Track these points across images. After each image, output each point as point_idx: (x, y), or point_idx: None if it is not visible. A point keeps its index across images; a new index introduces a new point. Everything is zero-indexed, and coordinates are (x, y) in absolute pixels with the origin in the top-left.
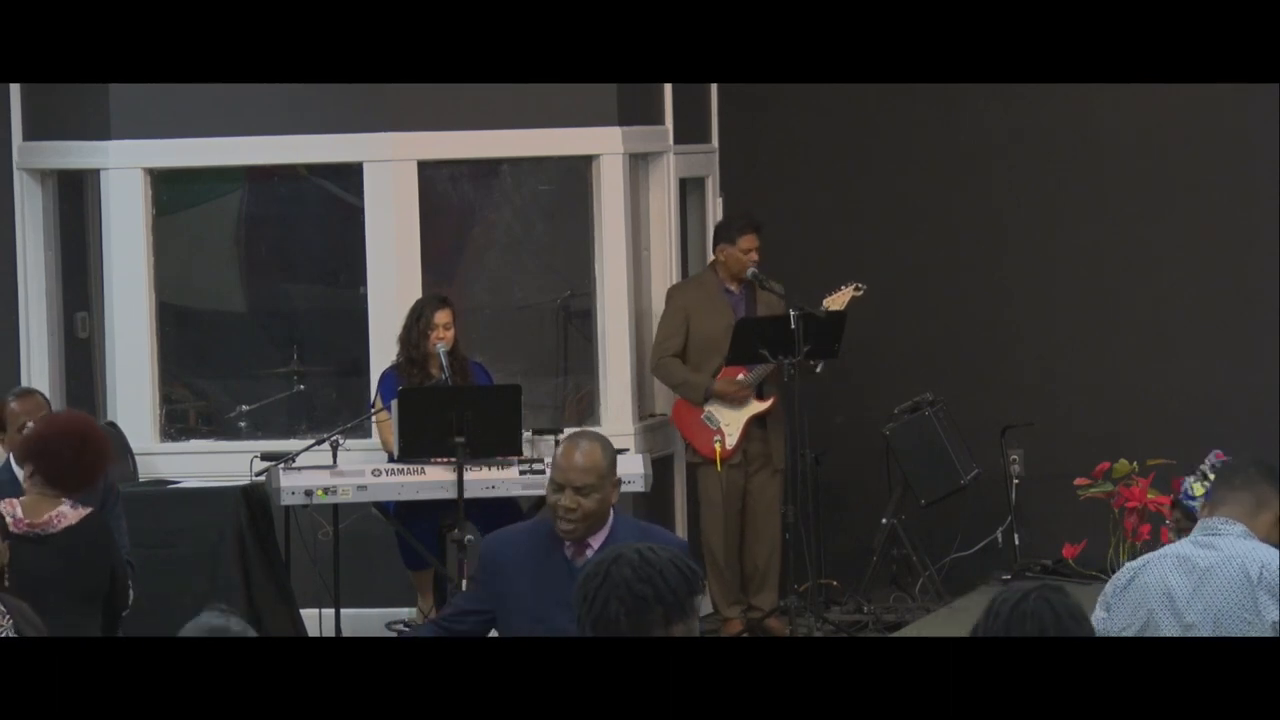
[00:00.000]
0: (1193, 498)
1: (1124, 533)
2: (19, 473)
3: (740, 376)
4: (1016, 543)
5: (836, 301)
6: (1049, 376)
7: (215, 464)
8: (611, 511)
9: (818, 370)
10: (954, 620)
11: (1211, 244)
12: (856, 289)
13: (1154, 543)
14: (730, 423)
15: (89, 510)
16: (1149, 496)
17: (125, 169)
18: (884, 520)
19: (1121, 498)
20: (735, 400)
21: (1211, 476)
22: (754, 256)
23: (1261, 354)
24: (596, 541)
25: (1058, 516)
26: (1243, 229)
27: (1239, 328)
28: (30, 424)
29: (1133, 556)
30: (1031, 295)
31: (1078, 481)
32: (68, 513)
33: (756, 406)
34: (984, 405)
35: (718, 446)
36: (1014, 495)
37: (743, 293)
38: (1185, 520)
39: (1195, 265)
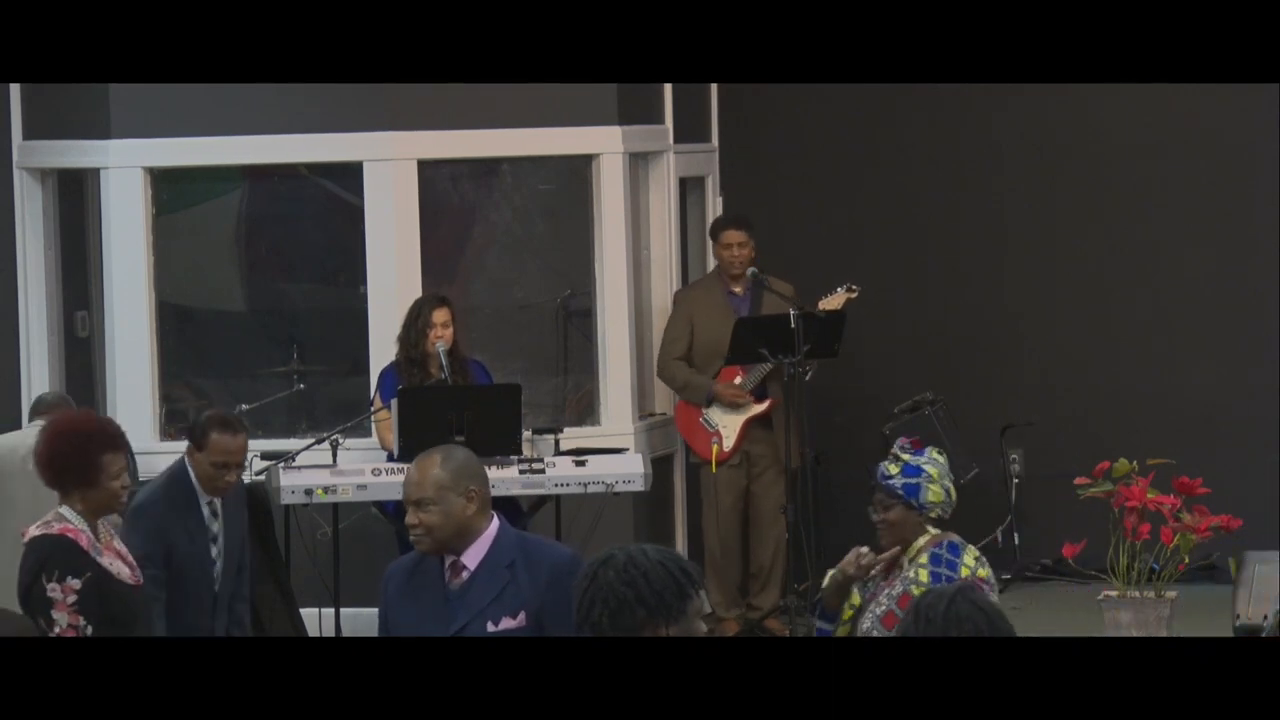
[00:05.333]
0: (889, 477)
1: (1124, 532)
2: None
3: (738, 379)
4: (1016, 542)
5: (831, 304)
6: (1049, 376)
7: None
8: (495, 525)
9: (807, 377)
10: None
11: (1211, 244)
12: (850, 290)
13: (1154, 542)
14: (727, 425)
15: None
16: (1149, 496)
17: (125, 168)
18: None
19: (1121, 497)
20: (733, 403)
21: (904, 457)
22: (738, 253)
23: (1261, 354)
24: (471, 560)
25: (1058, 516)
26: (1243, 229)
27: (1239, 328)
28: (232, 464)
29: (1133, 556)
30: (1032, 295)
31: (1078, 481)
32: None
33: (754, 409)
34: (984, 405)
35: (715, 448)
36: (1014, 495)
37: (747, 295)
38: (888, 499)
39: (1195, 265)
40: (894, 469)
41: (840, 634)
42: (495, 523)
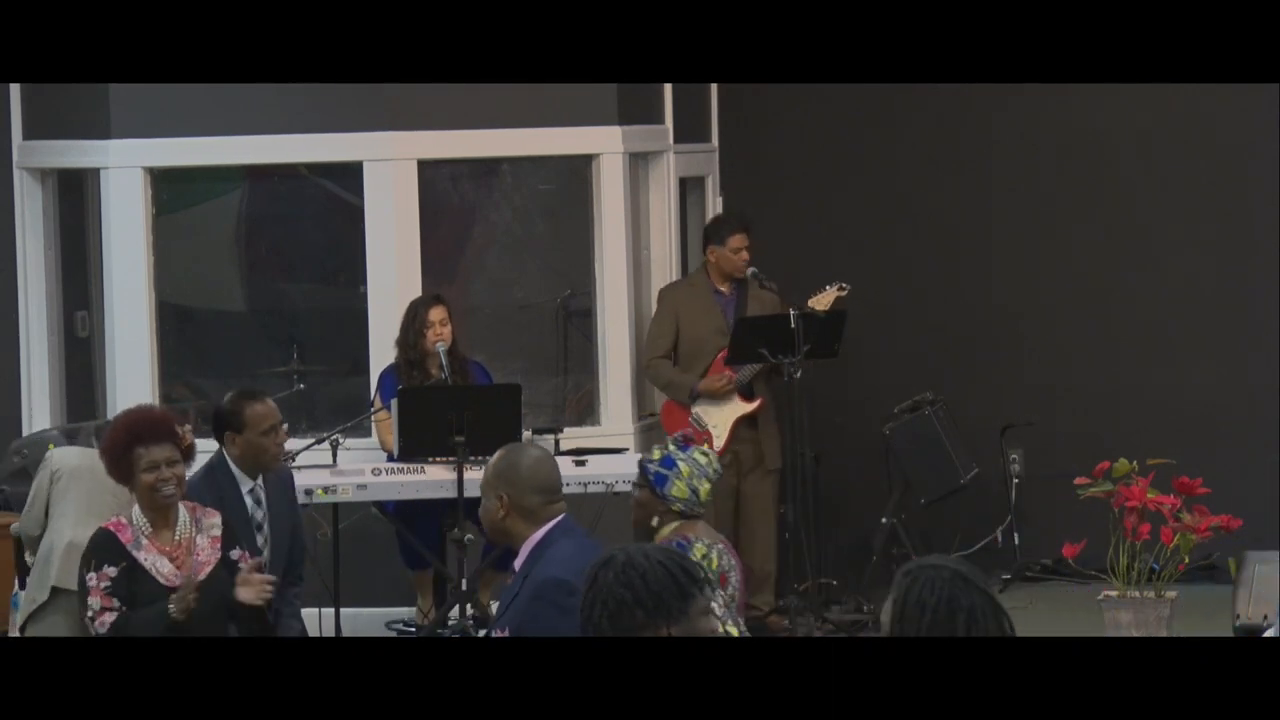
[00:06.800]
0: (650, 460)
1: (1124, 532)
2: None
3: (727, 375)
4: (1016, 542)
5: (821, 302)
6: (1049, 376)
7: None
8: (542, 532)
9: (797, 375)
10: None
11: (1212, 244)
12: (840, 289)
13: (1154, 542)
14: (718, 424)
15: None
16: (1149, 496)
17: (125, 168)
18: (884, 520)
19: (1121, 497)
20: (720, 399)
21: (670, 448)
22: (745, 256)
23: (1261, 354)
24: (518, 565)
25: (1058, 516)
26: (1243, 229)
27: (1239, 328)
28: (277, 425)
29: (1133, 556)
30: (1032, 295)
31: (1078, 481)
32: None
33: (743, 407)
34: (984, 405)
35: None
36: (1014, 495)
37: (733, 294)
38: (641, 479)
39: (1195, 265)
40: (656, 455)
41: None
42: (544, 530)
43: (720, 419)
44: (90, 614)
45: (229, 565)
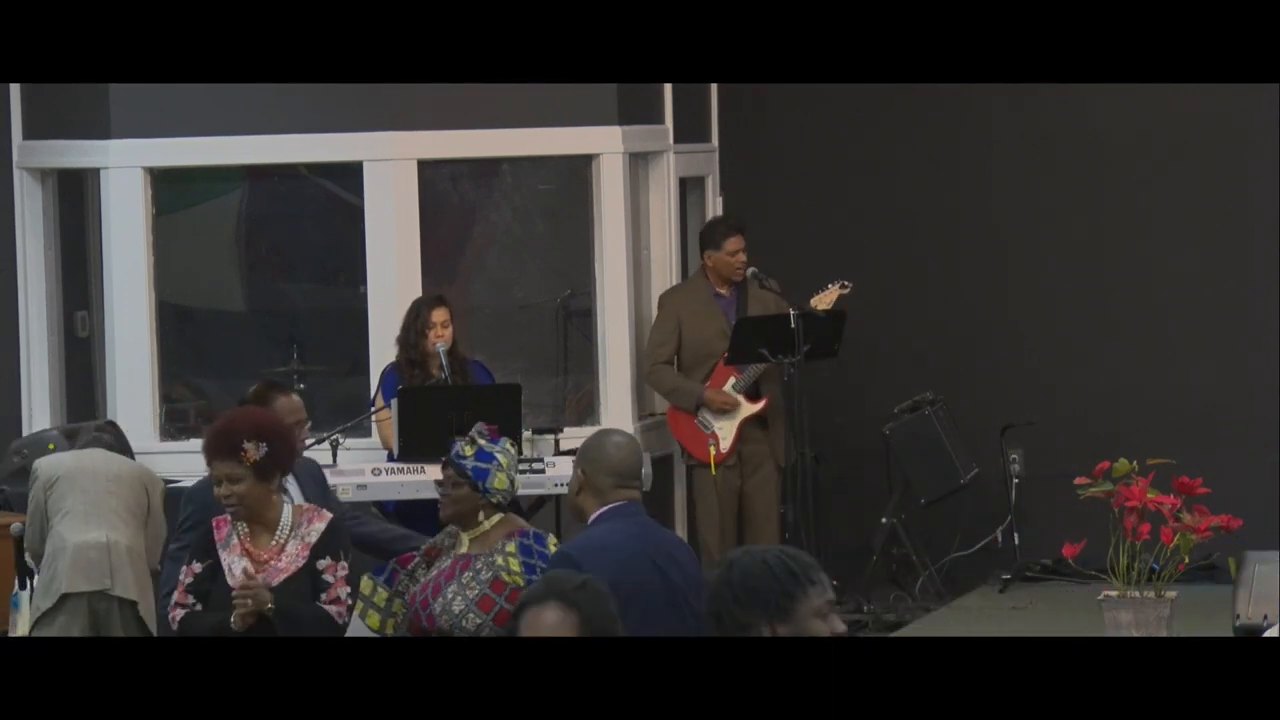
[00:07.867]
0: (463, 458)
1: (1124, 532)
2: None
3: (731, 381)
4: (1016, 542)
5: (824, 301)
6: (1049, 376)
7: None
8: (595, 514)
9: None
10: (954, 620)
11: (1211, 244)
12: (843, 287)
13: (1154, 542)
14: (724, 426)
15: None
16: (1149, 496)
17: (125, 168)
18: (884, 520)
19: (1121, 497)
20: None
21: (480, 442)
22: (741, 258)
23: (1262, 354)
24: None
25: (1058, 516)
26: (1243, 229)
27: (1239, 327)
28: (303, 419)
29: (1133, 556)
30: (1031, 295)
31: (1078, 481)
32: None
33: (749, 409)
34: (984, 405)
35: (712, 450)
36: (1014, 495)
37: (734, 296)
38: (458, 478)
39: (1195, 265)
40: (469, 451)
41: None
42: (602, 509)
43: (726, 421)
44: (167, 607)
45: (313, 574)
